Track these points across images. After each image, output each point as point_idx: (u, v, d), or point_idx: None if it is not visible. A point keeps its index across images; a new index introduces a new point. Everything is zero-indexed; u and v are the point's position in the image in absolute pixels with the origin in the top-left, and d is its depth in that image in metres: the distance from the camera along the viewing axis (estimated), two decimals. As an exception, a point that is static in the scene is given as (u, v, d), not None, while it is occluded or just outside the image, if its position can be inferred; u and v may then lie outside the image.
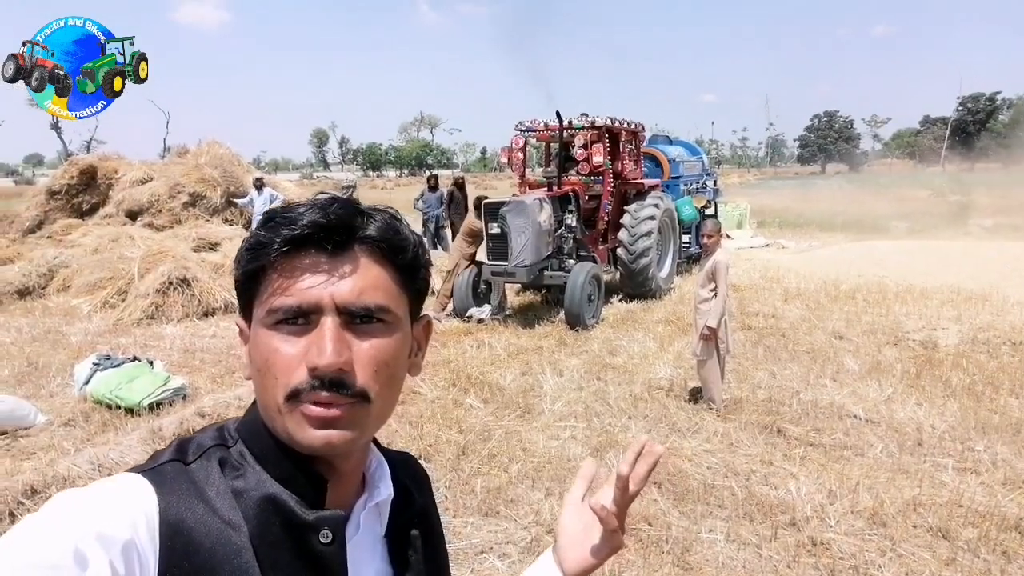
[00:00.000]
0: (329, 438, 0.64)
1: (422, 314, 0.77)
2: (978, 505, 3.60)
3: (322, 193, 0.71)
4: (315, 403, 0.63)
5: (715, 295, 4.97)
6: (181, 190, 12.42)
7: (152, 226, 11.86)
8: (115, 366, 5.33)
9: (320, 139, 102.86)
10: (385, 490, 0.75)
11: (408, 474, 0.84)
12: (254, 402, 0.71)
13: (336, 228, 0.66)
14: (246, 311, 0.70)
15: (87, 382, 5.25)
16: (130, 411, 4.98)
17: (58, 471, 3.95)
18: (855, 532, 3.38)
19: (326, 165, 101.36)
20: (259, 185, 12.26)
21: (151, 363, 5.60)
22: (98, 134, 49.61)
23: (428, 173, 13.22)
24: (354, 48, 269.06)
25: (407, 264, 0.71)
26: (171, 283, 8.32)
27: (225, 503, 0.63)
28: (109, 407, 5.05)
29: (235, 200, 12.71)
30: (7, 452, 4.41)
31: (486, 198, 8.28)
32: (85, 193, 13.59)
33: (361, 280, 0.66)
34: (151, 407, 5.00)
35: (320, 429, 0.64)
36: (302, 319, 0.64)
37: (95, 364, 5.37)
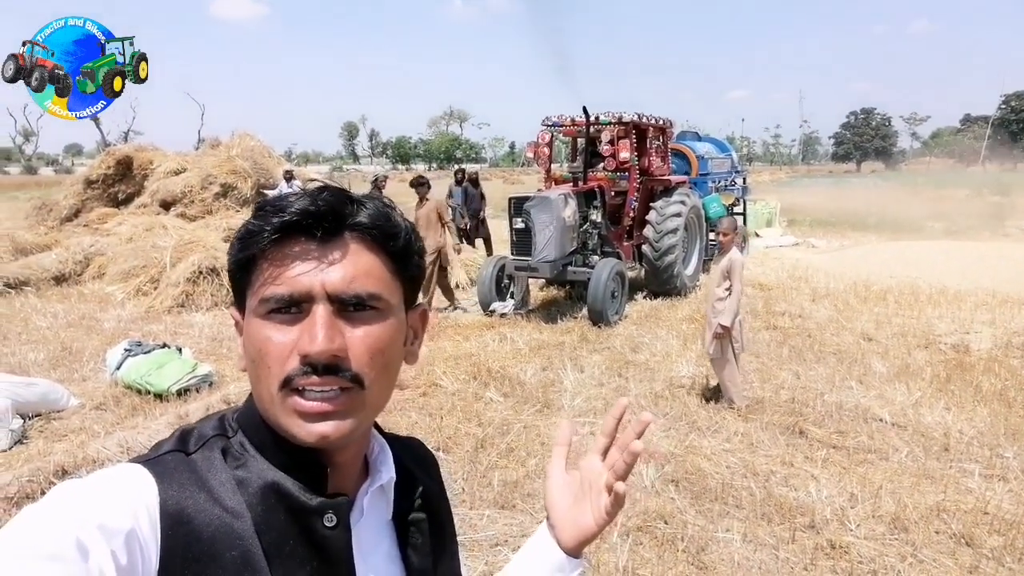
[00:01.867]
0: (323, 431, 0.63)
1: (418, 302, 0.76)
2: (1005, 513, 3.52)
3: (313, 180, 0.72)
4: (308, 391, 0.63)
5: (730, 294, 4.89)
6: (213, 181, 12.66)
7: (185, 216, 12.12)
8: (145, 352, 5.46)
9: (350, 132, 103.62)
10: (387, 473, 0.75)
11: (412, 457, 0.83)
12: (250, 394, 0.71)
13: (325, 215, 0.65)
14: (240, 302, 0.70)
15: (118, 367, 5.39)
16: (159, 396, 5.11)
17: (88, 453, 4.07)
18: (875, 536, 3.33)
19: (356, 158, 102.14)
20: (288, 177, 12.43)
21: (180, 350, 5.72)
22: (135, 125, 50.82)
23: (456, 167, 13.20)
24: (385, 42, 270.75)
25: (399, 251, 0.70)
26: (201, 272, 8.50)
27: (227, 492, 0.63)
28: (139, 392, 5.18)
29: (265, 191, 12.90)
30: (40, 434, 4.56)
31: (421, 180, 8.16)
32: (121, 183, 13.93)
33: (352, 267, 0.65)
34: (179, 393, 5.12)
35: (313, 423, 0.63)
36: (294, 308, 0.64)
37: (126, 350, 5.51)
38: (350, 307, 0.65)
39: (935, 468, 4.07)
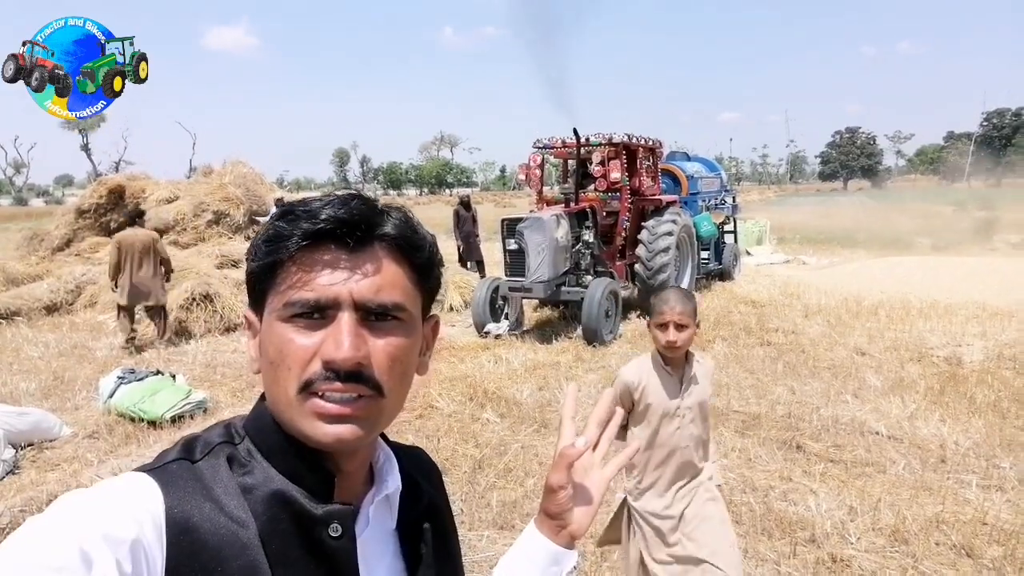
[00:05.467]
0: (340, 434, 0.64)
1: (431, 314, 0.77)
2: (1003, 523, 3.52)
3: (343, 189, 0.73)
4: (329, 395, 0.63)
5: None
6: (205, 209, 12.65)
7: (177, 244, 12.08)
8: (139, 380, 5.42)
9: (342, 158, 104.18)
10: (393, 483, 0.75)
11: (417, 467, 0.84)
12: (260, 398, 0.72)
13: (357, 224, 0.66)
14: (258, 304, 0.70)
15: (111, 395, 5.35)
16: (153, 424, 5.07)
17: (82, 482, 4.02)
18: (876, 549, 3.32)
19: (347, 184, 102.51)
20: (280, 205, 12.45)
21: (173, 377, 5.69)
22: (127, 155, 51.01)
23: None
24: (376, 70, 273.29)
25: (423, 263, 0.72)
26: (194, 299, 8.48)
27: (233, 500, 0.63)
28: (132, 420, 5.14)
29: (257, 218, 12.91)
30: (33, 463, 4.50)
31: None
32: (113, 212, 13.87)
33: (380, 277, 0.66)
34: (173, 420, 5.09)
35: (332, 424, 0.64)
36: (318, 313, 0.65)
37: (119, 378, 5.47)
38: (373, 316, 0.66)
39: (932, 480, 4.07)
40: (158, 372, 5.71)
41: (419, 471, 0.83)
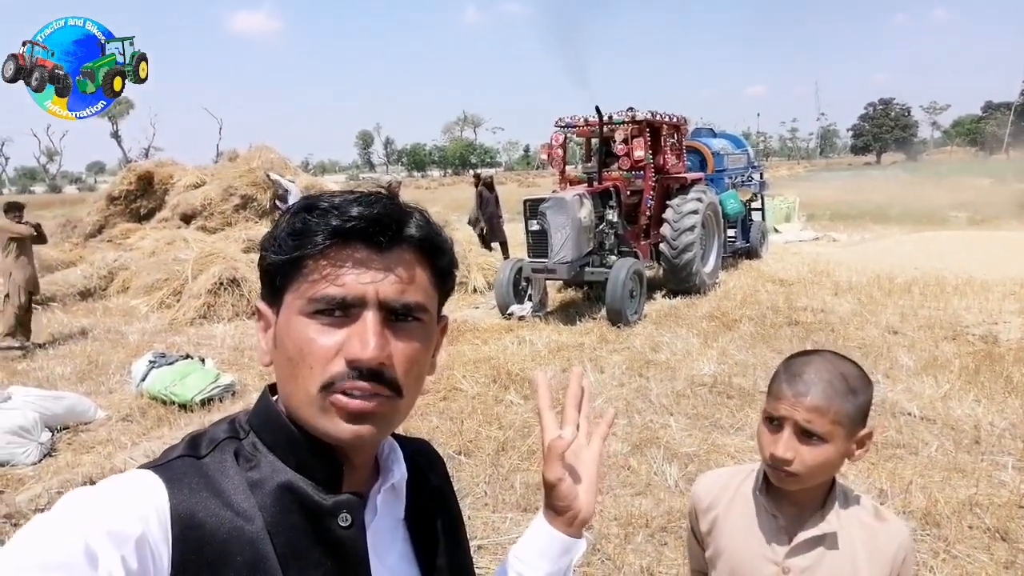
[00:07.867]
0: (359, 432, 0.65)
1: (442, 315, 0.78)
2: (1040, 506, 3.43)
3: (381, 187, 0.73)
4: (351, 392, 0.64)
5: None
6: (232, 193, 12.79)
7: (205, 229, 12.26)
8: (169, 364, 5.53)
9: (365, 141, 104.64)
10: (398, 472, 0.76)
11: (422, 457, 0.84)
12: (263, 392, 0.72)
13: (388, 224, 0.66)
14: (274, 297, 0.69)
15: (143, 379, 5.46)
16: (183, 407, 5.17)
17: (116, 464, 4.13)
18: (907, 532, 3.26)
19: (371, 166, 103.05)
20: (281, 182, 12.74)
21: (203, 361, 5.78)
22: (156, 141, 51.85)
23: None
24: (399, 50, 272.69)
25: (445, 266, 0.72)
26: (222, 284, 8.60)
27: (240, 495, 0.64)
28: (164, 403, 5.25)
29: (280, 201, 12.99)
30: (68, 446, 4.63)
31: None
32: (143, 198, 14.13)
33: (406, 278, 0.67)
34: (203, 403, 5.18)
35: (351, 423, 0.64)
36: (341, 311, 0.65)
37: (151, 362, 5.59)
38: (394, 316, 0.67)
39: (966, 461, 3.98)
40: (187, 356, 5.81)
41: (424, 461, 0.84)
